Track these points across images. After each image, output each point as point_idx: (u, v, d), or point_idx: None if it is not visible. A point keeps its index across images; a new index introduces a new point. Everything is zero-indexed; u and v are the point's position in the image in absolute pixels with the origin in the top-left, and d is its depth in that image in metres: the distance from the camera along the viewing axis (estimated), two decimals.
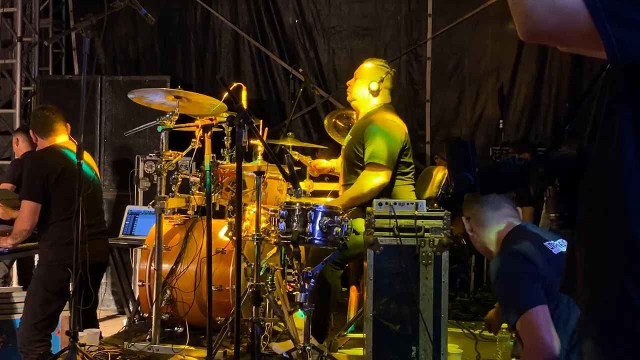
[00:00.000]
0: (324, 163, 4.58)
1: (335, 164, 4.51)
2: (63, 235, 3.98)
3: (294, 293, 3.95)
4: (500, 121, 6.08)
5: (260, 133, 3.68)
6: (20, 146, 5.69)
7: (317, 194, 4.78)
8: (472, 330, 4.29)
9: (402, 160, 4.03)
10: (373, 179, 3.89)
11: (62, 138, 4.24)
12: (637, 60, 1.26)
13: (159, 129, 3.66)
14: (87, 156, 4.32)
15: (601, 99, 1.44)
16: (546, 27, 1.30)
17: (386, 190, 3.91)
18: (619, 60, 1.27)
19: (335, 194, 4.50)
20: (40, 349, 3.98)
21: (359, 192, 3.89)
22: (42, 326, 4.02)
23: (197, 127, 3.56)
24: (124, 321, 5.23)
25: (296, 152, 4.53)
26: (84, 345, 3.53)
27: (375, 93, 4.14)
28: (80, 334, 3.57)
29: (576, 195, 1.54)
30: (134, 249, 5.58)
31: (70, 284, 3.70)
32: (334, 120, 4.91)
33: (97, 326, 4.45)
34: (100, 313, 6.02)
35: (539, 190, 1.58)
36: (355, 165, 4.05)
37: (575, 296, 1.55)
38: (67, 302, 4.11)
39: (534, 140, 6.18)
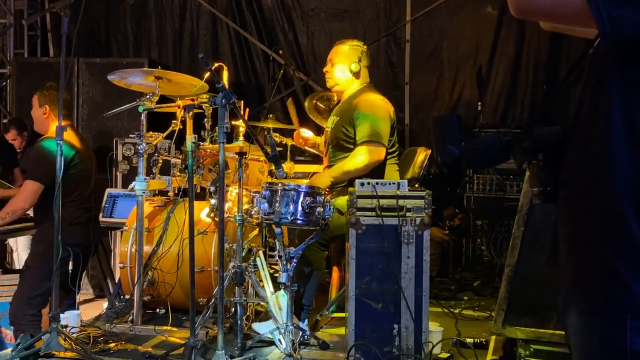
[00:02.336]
0: (308, 134, 4.56)
1: (319, 140, 4.51)
2: (68, 216, 4.09)
3: (275, 275, 3.98)
4: (479, 103, 6.12)
5: (242, 114, 3.67)
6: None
7: (299, 176, 4.79)
8: (452, 310, 4.35)
9: (389, 139, 4.05)
10: (371, 155, 3.90)
11: (68, 122, 4.32)
12: (627, 37, 1.29)
13: (140, 108, 3.64)
14: (85, 143, 4.49)
15: (588, 78, 1.46)
16: (539, 3, 1.32)
17: (378, 169, 3.93)
18: (609, 37, 1.29)
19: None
20: (32, 324, 4.07)
21: (354, 166, 3.90)
22: (36, 302, 4.17)
23: (179, 107, 3.54)
24: (103, 305, 5.21)
25: (277, 134, 4.53)
26: (65, 326, 3.51)
27: (357, 74, 4.15)
28: (61, 315, 3.56)
29: (559, 171, 1.57)
30: (113, 232, 5.56)
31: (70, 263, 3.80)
32: (314, 102, 4.91)
33: (76, 309, 4.47)
34: (79, 297, 6.00)
35: (522, 164, 1.61)
36: (342, 145, 4.06)
37: (559, 270, 1.58)
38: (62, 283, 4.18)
39: (512, 122, 6.24)
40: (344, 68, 4.16)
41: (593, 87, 1.41)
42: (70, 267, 4.27)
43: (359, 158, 3.91)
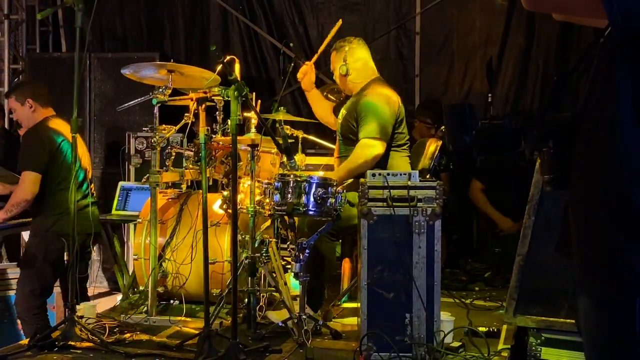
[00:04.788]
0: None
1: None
2: (60, 206, 4.08)
3: (287, 266, 4.02)
4: (489, 95, 6.11)
5: (254, 106, 3.70)
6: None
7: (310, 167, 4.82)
8: (463, 300, 4.37)
9: (396, 131, 4.08)
10: (368, 151, 3.94)
11: (52, 111, 4.34)
12: (638, 25, 1.30)
13: (154, 101, 3.68)
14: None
15: (598, 67, 1.48)
16: None
17: (382, 162, 3.96)
18: (620, 25, 1.31)
19: (327, 168, 4.54)
20: (37, 317, 4.11)
21: (354, 163, 3.95)
22: (38, 293, 4.19)
23: (192, 99, 3.58)
24: (117, 297, 5.28)
25: (288, 126, 4.55)
26: (81, 317, 3.57)
27: (346, 74, 4.20)
28: (77, 307, 3.61)
29: (570, 158, 1.59)
30: (126, 225, 5.62)
31: (65, 254, 3.77)
32: (325, 94, 4.93)
33: (88, 300, 4.52)
34: (94, 290, 6.07)
35: (533, 152, 1.63)
36: (350, 139, 4.10)
37: (570, 256, 1.60)
38: (60, 274, 4.19)
39: (519, 112, 6.23)
40: (337, 75, 4.26)
41: (603, 76, 1.43)
42: (66, 257, 4.02)
43: (357, 155, 3.97)
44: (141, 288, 4.20)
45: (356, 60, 4.21)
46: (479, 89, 6.39)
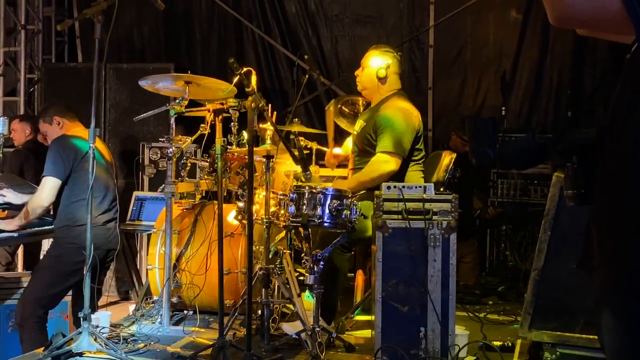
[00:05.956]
0: (338, 151, 4.60)
1: (345, 149, 4.55)
2: (83, 217, 4.01)
3: (300, 278, 4.02)
4: (503, 108, 6.12)
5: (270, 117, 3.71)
6: (17, 135, 5.78)
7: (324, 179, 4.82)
8: (477, 314, 4.35)
9: (415, 147, 4.06)
10: (383, 166, 3.93)
11: (81, 126, 4.35)
12: None
13: (171, 112, 3.70)
14: (100, 142, 4.39)
15: (625, 82, 1.47)
16: (578, 11, 1.34)
17: (399, 176, 3.95)
18: None
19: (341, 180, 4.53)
20: (37, 326, 4.04)
21: (368, 176, 3.94)
22: (44, 302, 4.10)
23: (209, 111, 3.59)
24: (129, 307, 5.28)
25: (302, 138, 4.56)
26: (96, 327, 3.57)
27: (383, 80, 4.18)
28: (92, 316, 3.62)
29: (594, 173, 1.59)
30: (140, 234, 5.64)
31: (86, 267, 3.75)
32: (339, 106, 4.94)
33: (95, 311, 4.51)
34: (107, 299, 6.08)
35: (557, 167, 1.63)
36: (367, 151, 4.09)
37: (592, 272, 1.60)
38: (73, 285, 4.17)
39: (536, 127, 6.22)
40: (372, 73, 4.19)
41: (629, 91, 1.43)
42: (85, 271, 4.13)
43: (371, 168, 3.95)
44: (155, 298, 4.21)
45: (394, 73, 4.21)
46: (492, 102, 6.39)
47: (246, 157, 3.25)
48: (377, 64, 4.18)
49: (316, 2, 6.90)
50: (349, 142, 4.52)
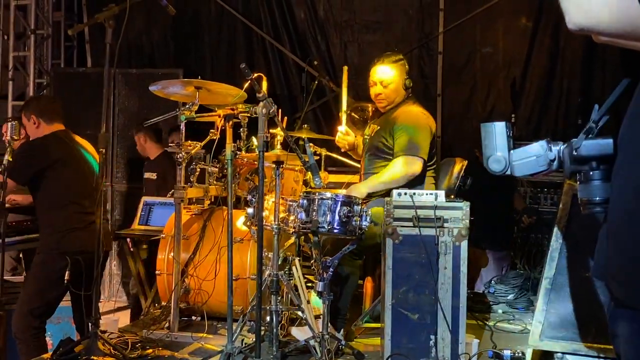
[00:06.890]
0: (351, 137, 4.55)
1: (359, 140, 4.51)
2: (63, 223, 4.02)
3: (308, 284, 4.00)
4: (512, 115, 6.10)
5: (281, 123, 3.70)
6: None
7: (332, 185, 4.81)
8: (486, 322, 4.32)
9: (431, 152, 4.06)
10: (408, 167, 3.91)
11: (61, 126, 4.24)
12: None
13: (182, 118, 3.70)
14: (87, 144, 4.34)
15: None
16: (599, 20, 1.32)
17: (417, 180, 3.93)
18: None
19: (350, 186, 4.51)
20: (34, 337, 3.97)
21: (391, 177, 3.91)
22: (38, 313, 4.02)
23: (219, 116, 3.59)
24: (137, 312, 5.27)
25: (311, 144, 4.55)
26: (104, 332, 3.56)
27: (409, 88, 4.19)
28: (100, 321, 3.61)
29: (609, 180, 1.57)
30: (148, 240, 5.62)
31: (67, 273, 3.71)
32: (349, 112, 4.93)
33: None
34: (114, 304, 6.08)
35: (572, 174, 1.61)
36: (380, 156, 4.07)
37: (607, 279, 1.58)
38: (68, 291, 4.13)
39: (545, 135, 6.19)
40: (399, 86, 4.18)
41: None
42: (67, 277, 3.98)
43: (396, 169, 3.92)
44: (163, 303, 4.20)
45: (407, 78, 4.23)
46: (502, 109, 6.38)
47: (255, 162, 3.24)
48: (401, 74, 4.18)
49: (325, 8, 6.89)
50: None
